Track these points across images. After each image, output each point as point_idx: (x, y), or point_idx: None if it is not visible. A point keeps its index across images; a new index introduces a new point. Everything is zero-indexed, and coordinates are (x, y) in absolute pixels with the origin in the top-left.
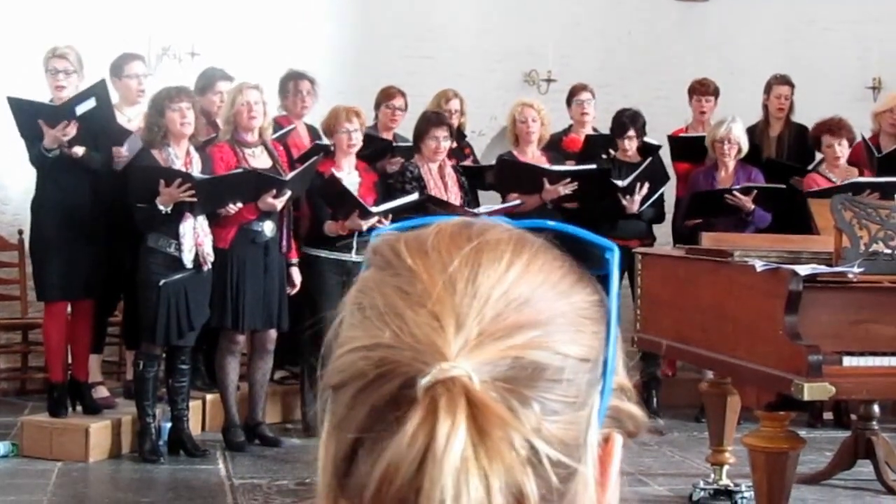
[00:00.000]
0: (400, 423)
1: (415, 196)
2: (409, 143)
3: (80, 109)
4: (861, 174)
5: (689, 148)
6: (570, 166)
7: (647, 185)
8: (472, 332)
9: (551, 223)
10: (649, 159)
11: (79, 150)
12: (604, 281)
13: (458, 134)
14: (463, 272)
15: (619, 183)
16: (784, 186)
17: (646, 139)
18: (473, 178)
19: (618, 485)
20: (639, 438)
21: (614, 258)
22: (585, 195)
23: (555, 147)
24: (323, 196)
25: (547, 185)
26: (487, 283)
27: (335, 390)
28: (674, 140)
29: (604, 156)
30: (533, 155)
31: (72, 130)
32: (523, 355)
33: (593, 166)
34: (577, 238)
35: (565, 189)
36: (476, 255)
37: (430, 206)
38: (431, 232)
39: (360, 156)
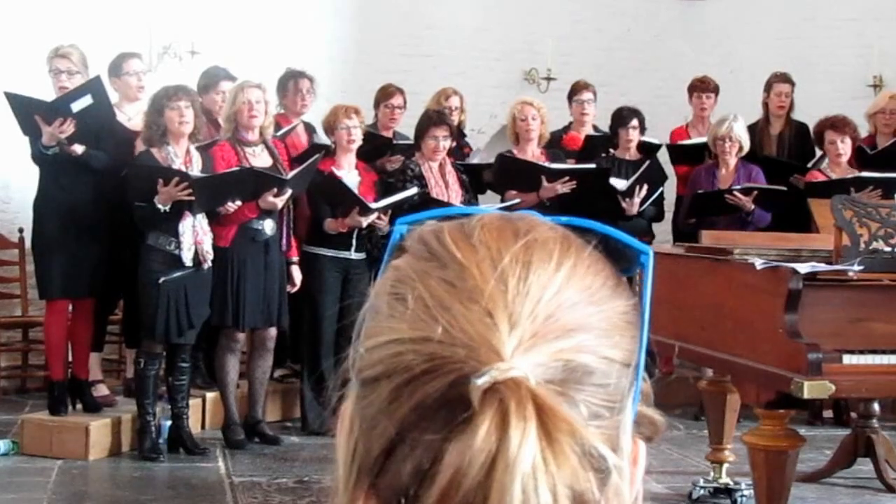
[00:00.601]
0: (457, 424)
1: (413, 190)
2: (409, 142)
3: (77, 106)
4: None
5: (688, 154)
6: (569, 165)
7: (645, 187)
8: (526, 332)
9: (589, 222)
10: (647, 162)
11: (78, 149)
12: (630, 282)
13: (458, 133)
14: (514, 269)
15: (619, 186)
16: (785, 189)
17: (645, 138)
18: (471, 177)
19: (641, 493)
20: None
21: (650, 262)
22: (584, 194)
23: (554, 145)
24: (322, 194)
25: (545, 183)
26: (539, 283)
27: (368, 382)
28: (672, 148)
29: (603, 154)
30: (533, 153)
31: (69, 128)
32: (574, 358)
33: (592, 165)
34: (612, 238)
35: (563, 187)
36: (526, 253)
37: (429, 206)
38: (476, 225)
39: (360, 154)
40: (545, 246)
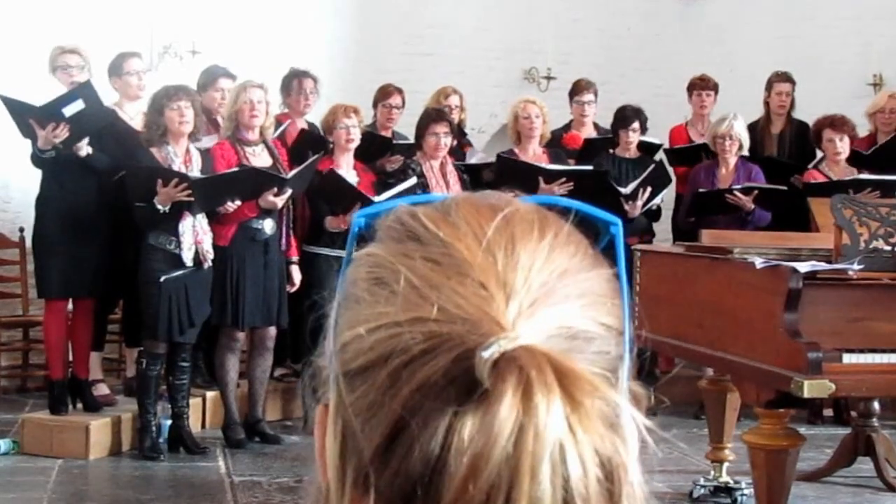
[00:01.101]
0: (471, 399)
1: (413, 180)
2: (409, 142)
3: (69, 111)
4: (858, 173)
5: (686, 155)
6: (567, 166)
7: (649, 190)
8: (524, 301)
9: (556, 199)
10: (652, 165)
11: (83, 150)
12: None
13: (459, 131)
14: (499, 242)
15: (623, 190)
16: (786, 188)
17: (645, 138)
18: (471, 176)
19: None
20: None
21: (619, 231)
22: (582, 196)
23: (554, 144)
24: (322, 193)
25: (542, 185)
26: (527, 253)
27: (357, 374)
28: (669, 152)
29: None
30: (534, 153)
31: (63, 132)
32: (575, 324)
33: (590, 167)
34: (581, 213)
35: (561, 189)
36: (508, 226)
37: None
38: (450, 204)
39: (360, 154)
40: (525, 217)
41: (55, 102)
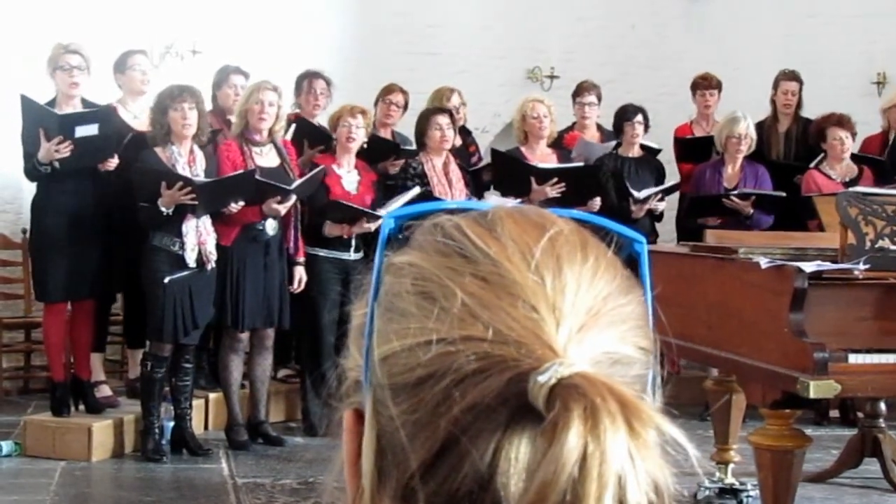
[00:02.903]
0: (522, 422)
1: (416, 190)
2: (414, 148)
3: (81, 132)
4: (861, 172)
5: (694, 149)
6: (558, 164)
7: (659, 197)
8: (573, 326)
9: (585, 214)
10: (673, 182)
11: (113, 164)
12: None
13: (463, 130)
14: (547, 264)
15: (636, 194)
16: (784, 195)
17: (646, 142)
18: (473, 177)
19: None
20: None
21: (644, 250)
22: (576, 196)
23: (557, 144)
24: (329, 218)
25: (535, 186)
26: (573, 277)
27: (405, 388)
28: (679, 142)
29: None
30: (542, 152)
31: (65, 150)
32: (617, 350)
33: (581, 164)
34: (605, 229)
35: (553, 191)
36: (554, 247)
37: None
38: (494, 219)
39: (364, 156)
40: (569, 239)
41: (73, 117)
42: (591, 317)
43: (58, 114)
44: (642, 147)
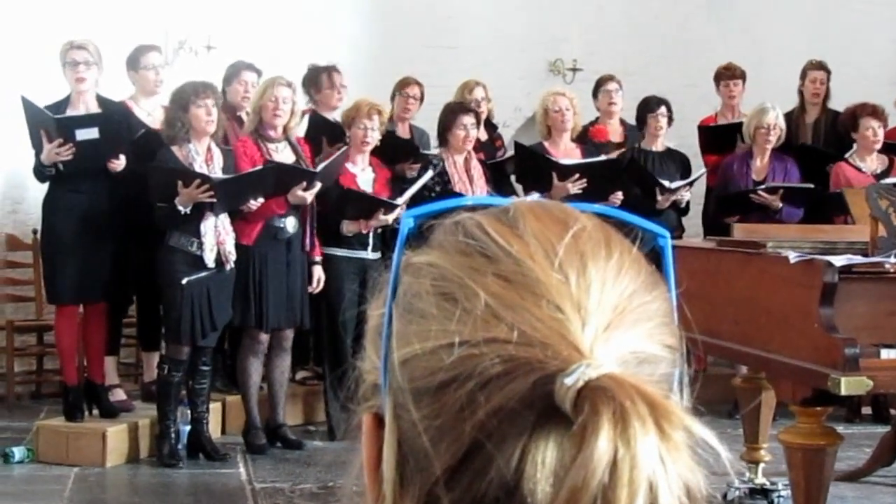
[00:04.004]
0: (549, 425)
1: (429, 174)
2: (433, 152)
3: (81, 135)
4: (891, 164)
5: (719, 138)
6: (580, 159)
7: (687, 189)
8: (599, 325)
9: (607, 209)
10: (702, 172)
11: (121, 165)
12: None
13: (489, 125)
14: (571, 261)
15: (667, 184)
16: (812, 186)
17: (672, 146)
18: (494, 172)
19: None
20: None
21: (668, 245)
22: (599, 191)
23: (581, 138)
24: (342, 210)
25: (556, 182)
26: (598, 274)
27: (428, 392)
28: (704, 130)
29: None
30: (566, 147)
31: (66, 153)
32: (644, 348)
33: (603, 157)
34: (628, 223)
35: (574, 187)
36: (578, 244)
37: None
38: (516, 215)
39: (380, 154)
40: (593, 236)
41: (71, 120)
42: (617, 315)
43: (55, 117)
44: (666, 149)
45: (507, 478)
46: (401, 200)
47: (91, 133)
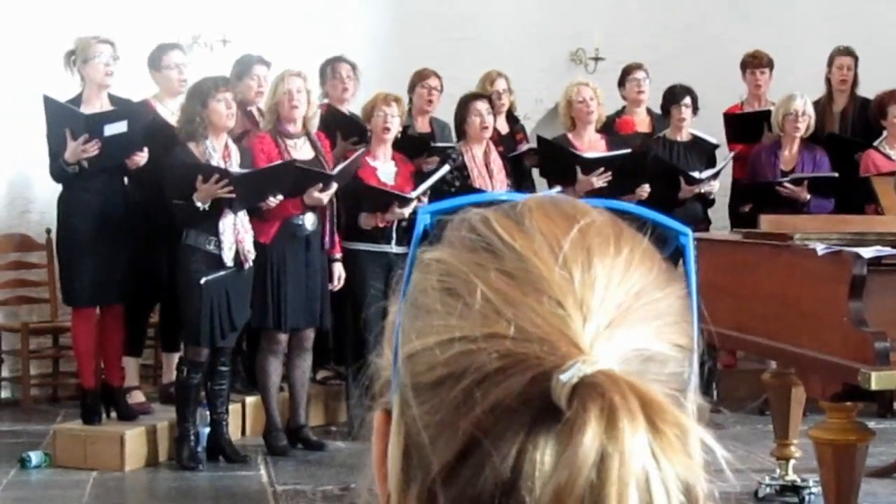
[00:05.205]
0: (548, 423)
1: (446, 168)
2: (450, 144)
3: (109, 130)
4: None
5: (746, 126)
6: (605, 152)
7: (714, 179)
8: (601, 322)
9: (627, 205)
10: (728, 158)
11: (143, 159)
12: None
13: (510, 118)
14: (576, 257)
15: (696, 175)
16: (836, 175)
17: (700, 133)
18: (514, 164)
19: None
20: (703, 422)
21: (689, 242)
22: (624, 183)
23: (607, 130)
24: (357, 202)
25: (580, 175)
26: (604, 270)
27: (427, 387)
28: (729, 118)
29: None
30: (590, 139)
31: (93, 150)
32: (648, 347)
33: (628, 150)
34: (650, 221)
35: (599, 181)
36: (585, 239)
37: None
38: (524, 211)
39: (397, 150)
40: (601, 231)
41: (100, 116)
42: (621, 312)
43: (84, 114)
44: (696, 139)
45: (505, 476)
46: (414, 193)
47: (120, 127)
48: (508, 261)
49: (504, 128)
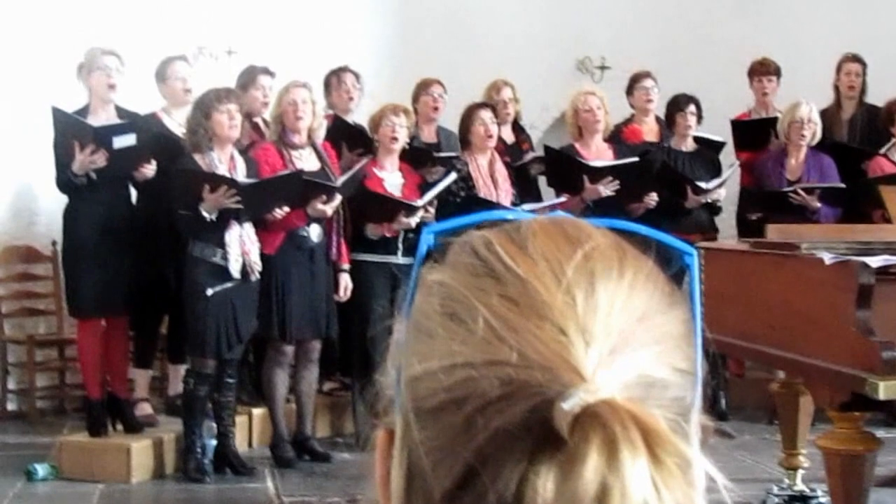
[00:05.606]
0: (549, 452)
1: (453, 176)
2: (453, 154)
3: (118, 143)
4: None
5: (753, 133)
6: (612, 161)
7: (721, 188)
8: (603, 349)
9: (631, 224)
10: (733, 167)
11: (149, 171)
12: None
13: (516, 127)
14: (579, 282)
15: (703, 185)
16: (844, 186)
17: (706, 135)
18: (518, 173)
19: None
20: (707, 442)
21: (694, 262)
22: (632, 192)
23: (615, 139)
24: (363, 211)
25: (587, 184)
26: (607, 295)
27: (429, 413)
28: (737, 125)
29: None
30: (597, 147)
31: (101, 160)
32: (652, 373)
33: (636, 159)
34: (655, 240)
35: (606, 189)
36: (588, 264)
37: (473, 207)
38: (527, 233)
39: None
40: (605, 255)
41: (109, 129)
42: (623, 338)
43: (92, 125)
44: (702, 140)
45: (507, 503)
46: (421, 202)
47: (128, 140)
48: (511, 286)
49: (509, 137)
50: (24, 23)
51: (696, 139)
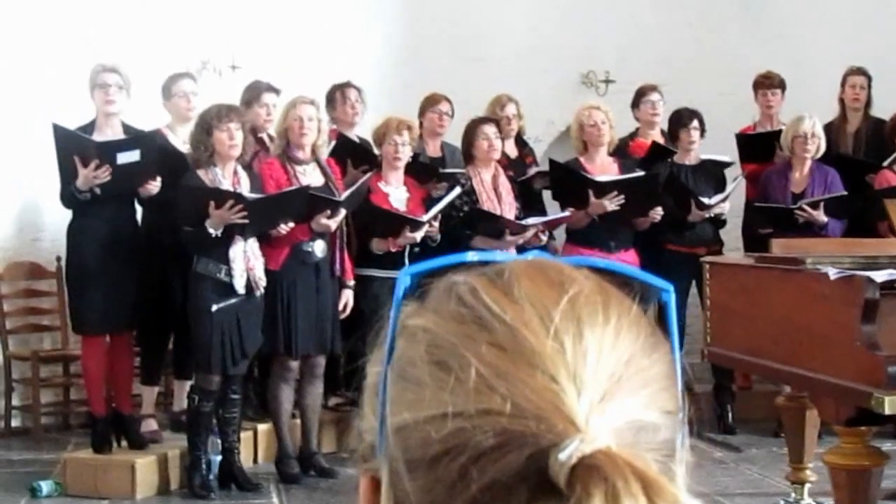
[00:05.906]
0: (543, 500)
1: (457, 190)
2: (459, 171)
3: (122, 158)
4: None
5: (757, 146)
6: (617, 175)
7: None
8: (594, 396)
9: (610, 263)
10: (737, 181)
11: (156, 188)
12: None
13: (519, 141)
14: (567, 328)
15: (706, 201)
16: (845, 193)
17: (712, 156)
18: (522, 187)
19: None
20: (714, 456)
21: (672, 300)
22: (636, 206)
23: (621, 153)
24: (368, 226)
25: (592, 199)
26: (594, 341)
27: (421, 464)
28: (741, 138)
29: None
30: (602, 162)
31: (104, 175)
32: (642, 417)
33: (641, 173)
34: (632, 278)
35: (611, 204)
36: (574, 309)
37: (477, 220)
38: (510, 278)
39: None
40: (590, 299)
41: (113, 144)
42: (613, 383)
43: (95, 140)
44: (708, 161)
45: None
46: (426, 217)
47: (133, 156)
48: (499, 333)
49: (513, 152)
50: (30, 39)
51: (702, 159)
